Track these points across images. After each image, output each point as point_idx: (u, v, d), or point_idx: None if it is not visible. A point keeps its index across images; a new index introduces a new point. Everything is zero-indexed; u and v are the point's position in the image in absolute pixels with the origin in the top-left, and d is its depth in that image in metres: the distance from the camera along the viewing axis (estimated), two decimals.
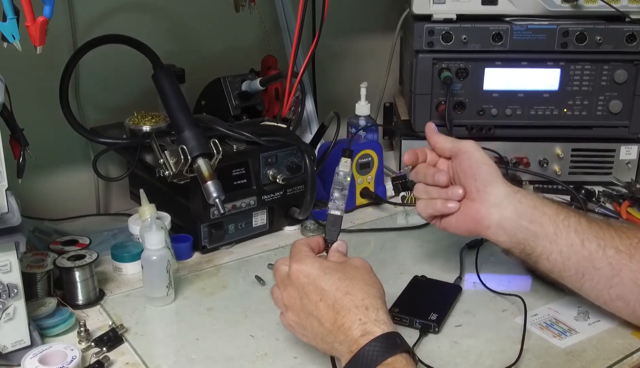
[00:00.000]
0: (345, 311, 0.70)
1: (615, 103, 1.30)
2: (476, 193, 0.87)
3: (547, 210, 0.84)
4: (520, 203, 0.85)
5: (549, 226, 0.83)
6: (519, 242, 0.85)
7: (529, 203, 0.85)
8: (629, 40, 1.26)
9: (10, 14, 0.73)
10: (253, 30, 1.39)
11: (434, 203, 0.91)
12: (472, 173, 0.87)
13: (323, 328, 0.71)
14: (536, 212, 0.84)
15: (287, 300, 0.75)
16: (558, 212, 0.84)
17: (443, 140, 0.92)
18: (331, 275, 0.73)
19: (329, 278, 0.72)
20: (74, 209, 1.22)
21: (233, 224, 1.09)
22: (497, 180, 0.86)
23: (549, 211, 0.84)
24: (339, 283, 0.72)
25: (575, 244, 0.82)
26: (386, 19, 1.61)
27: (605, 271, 0.81)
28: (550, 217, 0.83)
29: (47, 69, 1.09)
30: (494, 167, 0.88)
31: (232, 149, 1.06)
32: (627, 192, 1.26)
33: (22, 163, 0.84)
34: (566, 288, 0.88)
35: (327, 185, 1.24)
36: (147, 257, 0.90)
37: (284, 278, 0.76)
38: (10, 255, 0.75)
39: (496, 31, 1.27)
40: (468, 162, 0.88)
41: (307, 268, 0.74)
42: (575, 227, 0.82)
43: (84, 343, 0.82)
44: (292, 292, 0.74)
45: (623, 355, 0.81)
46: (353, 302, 0.70)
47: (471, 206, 0.87)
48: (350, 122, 1.35)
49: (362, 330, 0.68)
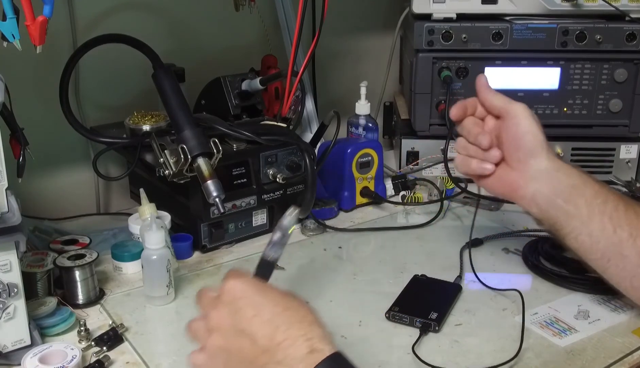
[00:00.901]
0: (285, 326, 0.61)
1: (616, 102, 1.30)
2: (517, 162, 0.86)
3: (586, 192, 0.83)
4: (559, 181, 0.84)
5: (584, 208, 0.82)
6: (550, 217, 0.84)
7: (569, 182, 0.83)
8: (629, 39, 1.26)
9: (10, 13, 0.73)
10: (253, 29, 1.39)
11: (470, 161, 0.89)
12: (517, 141, 0.86)
13: (255, 348, 0.61)
14: (574, 192, 0.83)
15: (215, 320, 0.65)
16: (597, 195, 0.82)
17: (492, 97, 0.89)
18: (269, 292, 0.66)
19: (267, 294, 0.65)
20: (74, 208, 1.22)
21: (233, 223, 1.09)
22: (540, 153, 0.85)
23: (587, 193, 0.83)
24: (278, 299, 0.64)
25: (607, 229, 0.81)
26: (386, 18, 1.61)
27: (633, 259, 0.80)
28: (587, 200, 0.82)
29: (47, 69, 1.09)
30: (540, 138, 0.85)
31: (232, 148, 1.06)
32: (627, 191, 1.26)
33: (22, 162, 0.84)
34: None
35: (327, 184, 1.24)
36: (147, 256, 0.90)
37: (212, 299, 0.67)
38: (10, 254, 0.75)
39: (496, 30, 1.27)
40: (515, 129, 0.86)
41: (243, 283, 0.66)
42: (611, 213, 0.81)
43: (84, 342, 0.82)
44: (222, 310, 0.65)
45: (623, 353, 0.81)
46: (294, 317, 0.63)
47: (510, 174, 0.87)
48: (350, 122, 1.35)
49: (309, 347, 0.60)
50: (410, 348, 0.80)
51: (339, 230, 1.16)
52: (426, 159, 1.36)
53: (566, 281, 0.96)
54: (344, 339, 0.84)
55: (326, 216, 1.19)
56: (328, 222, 1.18)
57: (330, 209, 1.20)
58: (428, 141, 1.35)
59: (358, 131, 1.33)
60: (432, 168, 1.37)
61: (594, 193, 0.83)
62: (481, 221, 1.13)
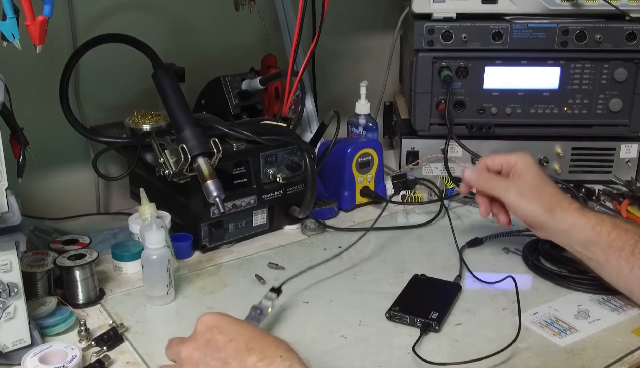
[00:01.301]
0: (261, 348, 0.62)
1: (616, 102, 1.30)
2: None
3: (600, 241, 0.87)
4: (571, 239, 0.90)
5: (601, 255, 0.87)
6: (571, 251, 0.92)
7: (581, 237, 0.88)
8: (629, 39, 1.26)
9: (10, 13, 0.73)
10: (253, 29, 1.39)
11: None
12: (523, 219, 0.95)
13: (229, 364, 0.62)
14: (588, 244, 0.88)
15: (185, 352, 0.65)
16: (612, 243, 0.86)
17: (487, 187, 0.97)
18: (244, 323, 0.68)
19: (242, 324, 0.67)
20: (74, 208, 1.22)
21: (233, 223, 1.09)
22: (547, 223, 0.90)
23: (602, 242, 0.87)
24: (254, 329, 0.67)
25: (624, 270, 0.86)
26: (386, 17, 1.61)
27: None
28: (602, 248, 0.87)
29: (47, 68, 1.09)
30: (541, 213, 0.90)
31: (232, 148, 1.06)
32: (627, 191, 1.26)
33: (22, 162, 0.84)
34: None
35: (327, 184, 1.24)
36: (147, 256, 0.90)
37: (181, 340, 0.67)
38: (10, 254, 0.75)
39: (496, 30, 1.27)
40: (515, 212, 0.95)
41: (217, 314, 0.67)
42: (627, 256, 0.85)
43: (84, 342, 0.82)
44: (193, 343, 0.65)
45: (623, 353, 0.81)
46: (271, 341, 0.64)
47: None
48: (350, 121, 1.35)
49: (287, 367, 0.61)
50: (411, 348, 0.80)
51: (339, 230, 1.16)
52: (426, 159, 1.36)
53: (566, 281, 0.96)
54: (344, 339, 0.84)
55: (326, 216, 1.19)
56: (328, 222, 1.18)
57: (330, 209, 1.20)
58: (428, 141, 1.35)
59: (358, 131, 1.33)
60: (432, 167, 1.37)
61: (609, 242, 0.86)
62: (481, 220, 1.13)
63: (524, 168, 0.93)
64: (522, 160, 0.94)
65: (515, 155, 0.95)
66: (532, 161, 0.94)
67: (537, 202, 0.91)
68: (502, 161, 0.96)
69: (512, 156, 0.95)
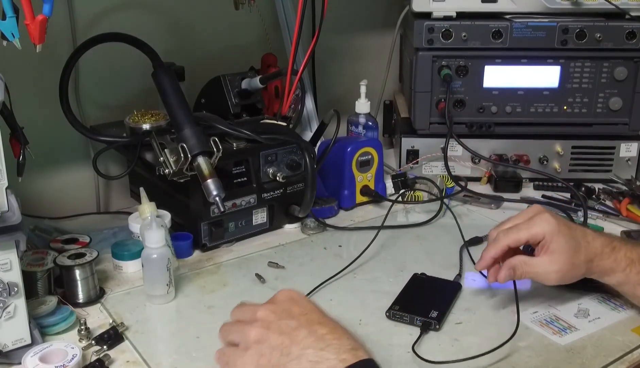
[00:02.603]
0: (332, 326, 0.68)
1: (615, 100, 1.31)
2: None
3: (630, 281, 0.86)
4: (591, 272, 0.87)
5: (630, 291, 0.87)
6: None
7: (612, 282, 0.87)
8: (628, 38, 1.26)
9: (10, 12, 0.73)
10: (253, 28, 1.39)
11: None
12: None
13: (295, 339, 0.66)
14: (619, 285, 0.87)
15: (262, 313, 0.70)
16: (629, 274, 0.86)
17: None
18: (318, 305, 0.73)
19: (317, 306, 0.72)
20: (74, 207, 1.22)
21: (233, 222, 1.09)
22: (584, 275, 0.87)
23: (631, 281, 0.86)
24: (328, 317, 0.71)
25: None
26: (386, 16, 1.61)
27: None
28: (631, 286, 0.86)
29: (46, 68, 1.09)
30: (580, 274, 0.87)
31: (232, 147, 1.06)
32: (627, 189, 1.26)
33: (22, 162, 0.84)
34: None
35: (327, 183, 1.24)
36: (147, 255, 0.90)
37: (256, 304, 0.73)
38: (10, 253, 0.75)
39: (496, 29, 1.27)
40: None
41: (297, 292, 0.73)
42: None
43: (84, 341, 0.82)
44: (272, 306, 0.71)
45: (623, 352, 0.81)
46: (340, 326, 0.69)
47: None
48: (350, 120, 1.35)
49: (353, 346, 0.65)
50: (411, 347, 0.80)
51: (339, 229, 1.16)
52: (426, 158, 1.36)
53: None
54: None
55: (326, 215, 1.19)
56: (328, 221, 1.18)
57: (330, 208, 1.20)
58: (428, 140, 1.36)
59: (358, 130, 1.33)
60: (432, 166, 1.37)
61: (638, 280, 0.85)
62: (482, 219, 1.13)
63: (555, 240, 0.84)
64: (547, 228, 0.85)
65: (537, 224, 0.85)
66: (555, 222, 0.85)
67: (576, 270, 0.86)
68: (528, 237, 0.86)
69: (535, 226, 0.85)
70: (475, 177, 1.36)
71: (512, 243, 0.87)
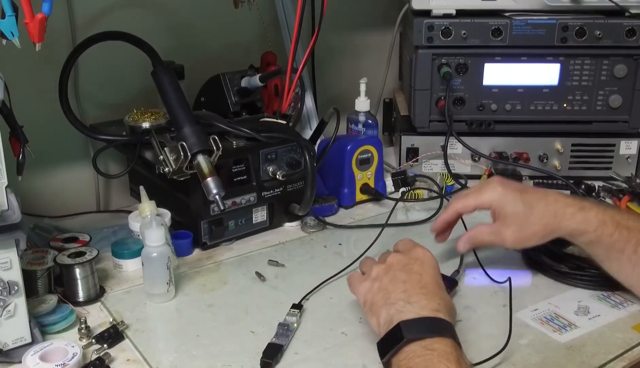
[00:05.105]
0: (431, 289, 0.77)
1: (615, 98, 1.30)
2: None
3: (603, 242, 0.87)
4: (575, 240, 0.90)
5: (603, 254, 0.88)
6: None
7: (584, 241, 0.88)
8: (628, 35, 1.26)
9: (9, 11, 0.73)
10: (252, 26, 1.39)
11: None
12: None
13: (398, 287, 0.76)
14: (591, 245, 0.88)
15: (393, 259, 0.81)
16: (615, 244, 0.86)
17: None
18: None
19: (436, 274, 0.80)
20: (74, 206, 1.22)
21: (233, 220, 1.09)
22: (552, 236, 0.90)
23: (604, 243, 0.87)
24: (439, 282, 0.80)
25: (626, 268, 0.87)
26: (385, 14, 1.61)
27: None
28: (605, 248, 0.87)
29: (46, 66, 1.09)
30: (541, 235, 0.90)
31: (232, 145, 1.06)
32: (627, 187, 1.26)
33: (22, 160, 0.84)
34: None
35: (327, 181, 1.24)
36: (147, 254, 0.90)
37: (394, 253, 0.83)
38: (10, 252, 0.75)
39: (496, 26, 1.27)
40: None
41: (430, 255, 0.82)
42: (630, 256, 0.85)
43: (84, 340, 0.82)
44: (400, 256, 0.81)
45: (623, 349, 0.81)
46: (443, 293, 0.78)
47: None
48: (349, 118, 1.35)
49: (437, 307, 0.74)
50: None
51: (339, 227, 1.16)
52: (426, 156, 1.36)
53: (566, 278, 0.96)
54: (344, 336, 0.84)
55: (326, 213, 1.19)
56: (328, 219, 1.18)
57: (330, 206, 1.20)
58: (428, 138, 1.35)
59: (358, 128, 1.33)
60: (432, 164, 1.37)
61: (611, 243, 0.86)
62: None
63: (502, 205, 0.90)
64: (494, 195, 0.91)
65: (486, 191, 0.92)
66: (502, 189, 0.91)
67: (531, 230, 0.89)
68: (475, 205, 0.94)
69: (483, 194, 0.92)
70: (475, 175, 1.35)
71: (461, 209, 0.97)
